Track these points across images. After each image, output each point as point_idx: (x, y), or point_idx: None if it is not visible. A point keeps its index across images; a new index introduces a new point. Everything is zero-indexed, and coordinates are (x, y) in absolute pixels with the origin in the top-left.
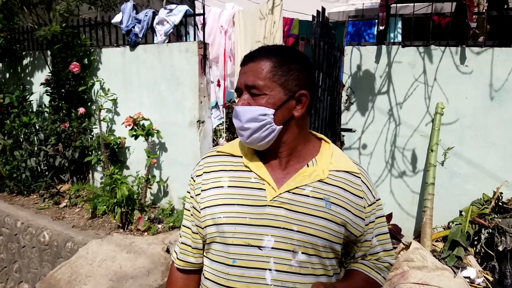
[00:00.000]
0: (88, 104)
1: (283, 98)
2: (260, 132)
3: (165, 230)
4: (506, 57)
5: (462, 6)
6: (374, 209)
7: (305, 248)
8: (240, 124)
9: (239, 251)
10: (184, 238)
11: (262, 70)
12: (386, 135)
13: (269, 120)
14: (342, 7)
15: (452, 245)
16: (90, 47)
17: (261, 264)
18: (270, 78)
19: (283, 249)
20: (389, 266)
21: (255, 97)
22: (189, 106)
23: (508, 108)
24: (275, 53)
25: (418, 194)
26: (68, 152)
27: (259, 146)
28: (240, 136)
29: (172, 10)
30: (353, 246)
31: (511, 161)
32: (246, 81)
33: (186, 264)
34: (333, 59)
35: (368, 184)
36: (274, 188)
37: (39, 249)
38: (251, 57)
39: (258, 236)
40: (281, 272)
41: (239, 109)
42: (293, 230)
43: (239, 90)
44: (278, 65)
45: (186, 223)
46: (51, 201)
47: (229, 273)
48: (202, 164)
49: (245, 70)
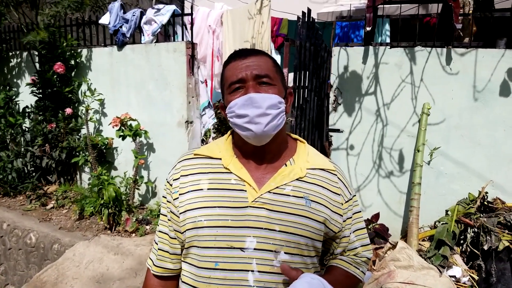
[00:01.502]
0: (75, 105)
1: (283, 92)
2: (277, 119)
3: (153, 231)
4: (491, 58)
5: (448, 8)
6: (351, 205)
7: (288, 247)
8: (260, 111)
9: (221, 253)
10: (160, 244)
11: (268, 63)
12: (373, 136)
13: (283, 108)
14: (331, 7)
15: (438, 245)
16: (77, 47)
17: (244, 266)
18: (275, 72)
19: (266, 250)
20: (367, 260)
21: (265, 86)
22: (177, 106)
23: (493, 108)
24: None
25: (405, 194)
26: (55, 153)
27: (270, 136)
28: (254, 125)
29: (160, 10)
30: (332, 243)
31: (496, 161)
32: (256, 71)
33: (164, 270)
34: (320, 60)
35: (344, 181)
36: (255, 189)
37: (26, 251)
38: (251, 52)
39: (241, 238)
40: (263, 273)
41: (258, 96)
42: (275, 230)
43: (242, 81)
44: (275, 63)
45: (162, 228)
46: (38, 202)
47: (211, 276)
48: (179, 168)
49: (246, 62)
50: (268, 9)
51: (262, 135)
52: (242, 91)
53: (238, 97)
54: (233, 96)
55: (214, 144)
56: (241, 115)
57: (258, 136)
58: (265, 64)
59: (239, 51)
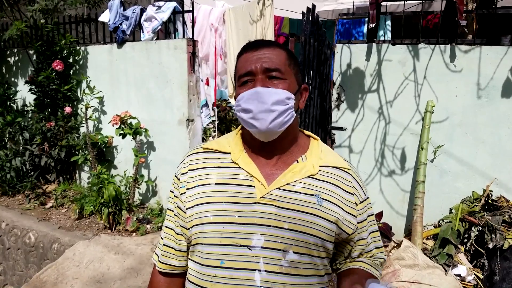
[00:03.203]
0: (74, 103)
1: (296, 87)
2: (283, 116)
3: (154, 230)
4: (495, 55)
5: (452, 4)
6: (365, 207)
7: (297, 247)
8: (265, 107)
9: (227, 251)
10: (166, 239)
11: (281, 56)
12: (376, 133)
13: (291, 104)
14: (332, 5)
15: (442, 243)
16: (76, 45)
17: (250, 265)
18: (288, 65)
19: (273, 249)
20: (383, 262)
21: (274, 81)
22: (178, 104)
23: (497, 106)
24: (285, 47)
25: (408, 193)
26: (54, 152)
27: (276, 133)
28: (258, 122)
29: (160, 7)
30: (346, 245)
31: (500, 159)
32: (267, 64)
33: (169, 267)
34: (323, 56)
35: (358, 180)
36: (264, 185)
37: (25, 251)
38: (264, 44)
39: (247, 235)
40: (270, 272)
41: (264, 90)
42: (284, 228)
43: (251, 74)
44: (291, 56)
45: (168, 224)
46: (37, 201)
47: (216, 275)
48: (187, 162)
49: (257, 54)
50: (271, 8)
51: (267, 132)
52: (251, 85)
53: (246, 90)
54: (241, 89)
55: (224, 138)
56: (246, 109)
57: (263, 133)
58: (277, 57)
59: (252, 42)
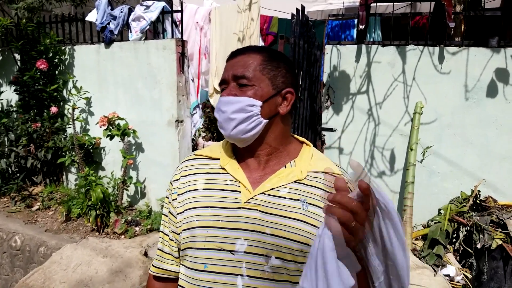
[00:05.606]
0: (60, 103)
1: (271, 92)
2: (246, 123)
3: (142, 232)
4: (483, 57)
5: (441, 6)
6: None
7: (280, 252)
8: (225, 116)
9: (211, 255)
10: (160, 244)
11: (253, 62)
12: (365, 135)
13: (256, 111)
14: (321, 6)
15: (431, 244)
16: (62, 44)
17: (232, 270)
18: (260, 71)
19: (256, 254)
20: None
21: (243, 88)
22: (167, 105)
23: (485, 107)
24: (265, 50)
25: (397, 194)
26: (41, 153)
27: (242, 140)
28: (223, 130)
29: (149, 6)
30: None
31: (488, 159)
32: (235, 71)
33: (161, 271)
34: (313, 58)
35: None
36: (249, 190)
37: (11, 254)
38: (240, 51)
39: (231, 240)
40: (253, 278)
41: (224, 99)
42: (266, 233)
43: (225, 82)
44: (268, 60)
45: (163, 229)
46: (22, 204)
47: (200, 279)
48: (180, 168)
49: (233, 63)
50: (258, 6)
51: (232, 139)
52: (223, 93)
53: None
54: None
55: (218, 144)
56: (216, 118)
57: (231, 140)
58: (248, 63)
59: (234, 51)
